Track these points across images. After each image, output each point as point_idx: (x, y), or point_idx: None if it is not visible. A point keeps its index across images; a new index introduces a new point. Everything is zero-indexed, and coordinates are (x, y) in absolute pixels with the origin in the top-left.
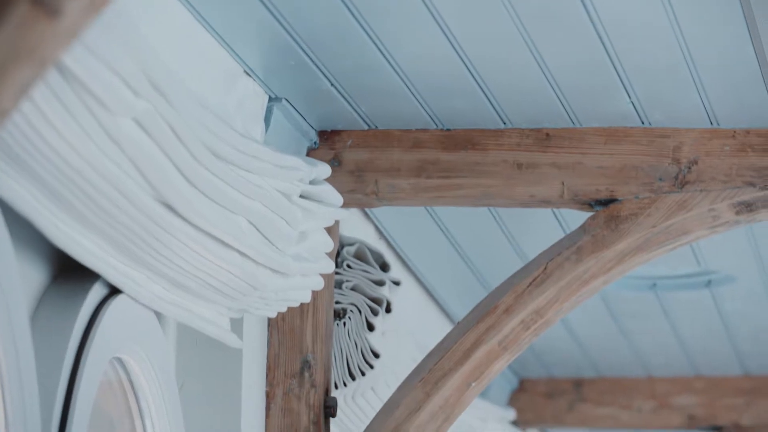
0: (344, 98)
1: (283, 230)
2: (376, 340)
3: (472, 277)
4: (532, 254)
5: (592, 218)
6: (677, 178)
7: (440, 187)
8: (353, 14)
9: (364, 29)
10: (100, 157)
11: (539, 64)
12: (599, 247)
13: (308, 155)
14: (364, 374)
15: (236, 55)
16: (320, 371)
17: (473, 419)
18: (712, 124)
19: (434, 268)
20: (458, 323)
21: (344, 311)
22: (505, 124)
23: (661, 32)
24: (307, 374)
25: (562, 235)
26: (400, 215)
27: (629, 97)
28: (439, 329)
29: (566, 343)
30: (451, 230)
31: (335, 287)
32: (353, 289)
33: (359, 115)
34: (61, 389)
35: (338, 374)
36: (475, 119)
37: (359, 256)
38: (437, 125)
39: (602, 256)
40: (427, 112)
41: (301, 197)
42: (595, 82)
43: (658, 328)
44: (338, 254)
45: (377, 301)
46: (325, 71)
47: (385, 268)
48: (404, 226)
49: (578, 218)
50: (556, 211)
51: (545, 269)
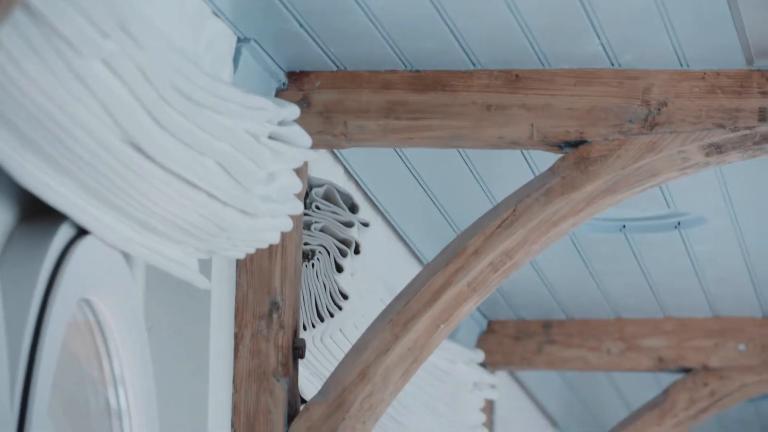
0: (313, 39)
1: (251, 171)
2: (344, 281)
3: (441, 218)
4: (501, 196)
5: (561, 160)
6: (647, 120)
7: (409, 128)
8: None
9: None
10: (68, 99)
11: (509, 5)
12: (568, 189)
13: (277, 96)
14: (332, 316)
15: None
16: (289, 313)
17: (441, 361)
18: (681, 65)
19: (403, 209)
20: (427, 265)
21: (313, 253)
22: (474, 65)
23: None
24: (275, 316)
25: (531, 177)
26: (369, 157)
27: (599, 38)
28: (407, 271)
29: (535, 285)
30: (420, 172)
31: (304, 229)
32: (322, 230)
33: (328, 56)
34: (28, 330)
35: (307, 316)
36: (444, 61)
37: (328, 197)
38: (406, 66)
39: (571, 198)
40: (396, 53)
41: (269, 138)
42: (564, 23)
43: (627, 270)
44: (307, 196)
45: (346, 242)
46: (294, 12)
47: (353, 209)
48: (373, 167)
49: (548, 160)
50: (525, 152)
51: (514, 211)
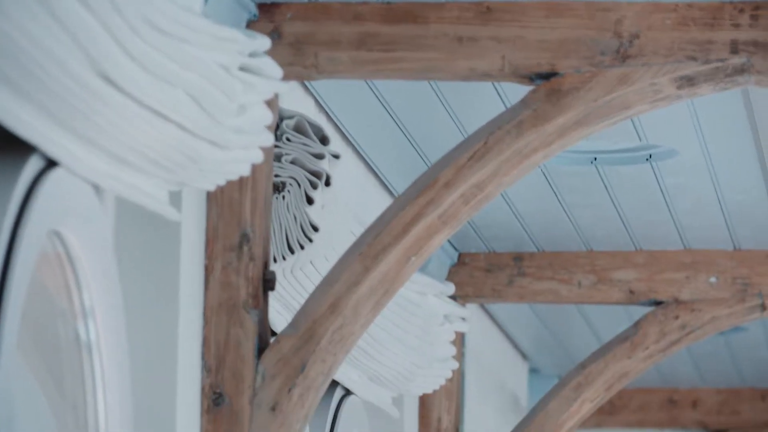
0: None
1: (222, 103)
2: (315, 213)
3: (412, 151)
4: (472, 128)
5: (532, 92)
6: (619, 52)
7: (380, 60)
8: None
9: None
10: (37, 30)
11: None
12: (540, 121)
13: (247, 28)
14: (303, 248)
15: None
16: (259, 245)
17: (412, 293)
18: None
19: (374, 141)
20: (398, 197)
21: (283, 184)
22: None
23: None
24: (245, 248)
25: (502, 109)
26: (340, 88)
27: None
28: (378, 203)
29: (506, 217)
30: (391, 104)
31: (274, 160)
32: (292, 162)
33: None
34: None
35: (277, 248)
36: None
37: (299, 129)
38: None
39: (543, 130)
40: None
41: (240, 70)
42: None
43: (598, 202)
44: (277, 127)
45: (317, 174)
46: None
47: (324, 141)
48: (344, 99)
49: (519, 92)
50: (497, 85)
51: (485, 143)
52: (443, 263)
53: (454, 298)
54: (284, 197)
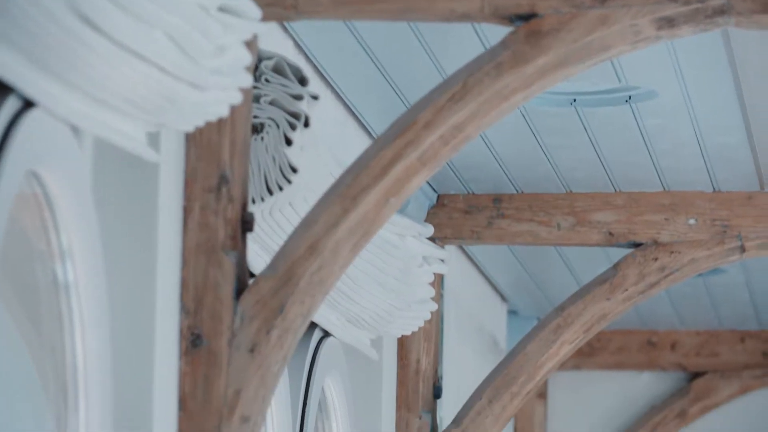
0: None
1: (200, 44)
2: (294, 155)
3: (391, 92)
4: (451, 70)
5: (512, 33)
6: None
7: (360, 1)
8: None
9: None
10: None
11: None
12: (519, 62)
13: None
14: (281, 189)
15: None
16: (237, 186)
17: (391, 235)
18: None
19: (353, 83)
20: (377, 138)
21: (262, 126)
22: None
23: None
24: (224, 189)
25: (482, 50)
26: (319, 29)
27: None
28: (357, 144)
29: (485, 158)
30: (370, 45)
31: (253, 102)
32: (271, 103)
33: None
34: None
35: (256, 189)
36: None
37: (277, 70)
38: None
39: (522, 71)
40: None
41: (219, 11)
42: None
43: (577, 144)
44: (256, 68)
45: (295, 115)
46: None
47: (303, 82)
48: (323, 40)
49: (498, 34)
50: (476, 26)
51: (465, 85)
52: (422, 205)
53: (432, 239)
54: (263, 138)
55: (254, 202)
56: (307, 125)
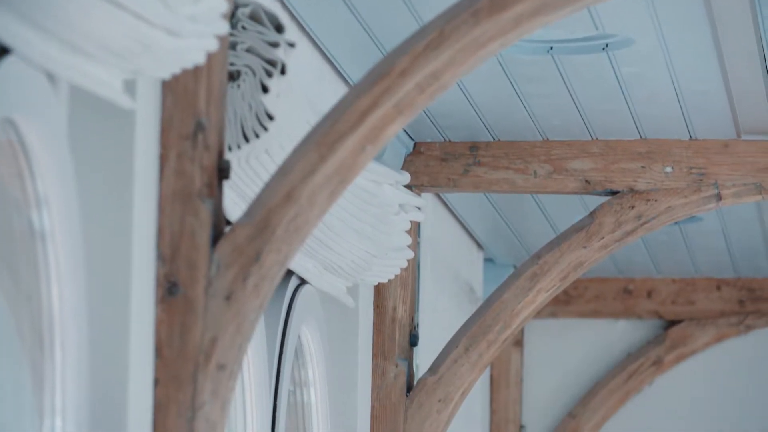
0: None
1: None
2: (270, 102)
3: (368, 39)
4: (428, 17)
5: None
6: None
7: None
8: None
9: None
10: None
11: None
12: (497, 9)
13: None
14: (258, 137)
15: None
16: (214, 133)
17: (367, 183)
18: None
19: (329, 30)
20: (353, 86)
21: (238, 73)
22: None
23: None
24: (200, 136)
25: None
26: None
27: None
28: (334, 92)
29: (462, 106)
30: None
31: (229, 49)
32: (248, 51)
33: None
34: None
35: (232, 137)
36: None
37: (254, 17)
38: None
39: (499, 18)
40: None
41: None
42: None
43: (554, 91)
44: (233, 16)
45: (272, 63)
46: None
47: (280, 29)
48: None
49: None
50: None
51: (441, 32)
52: (399, 152)
53: (409, 187)
54: (239, 86)
55: (230, 149)
56: (283, 73)
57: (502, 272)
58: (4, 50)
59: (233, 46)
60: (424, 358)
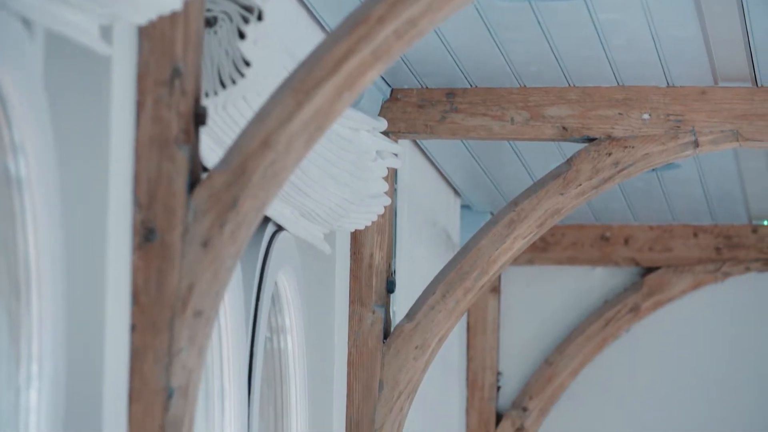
0: None
1: None
2: (247, 48)
3: None
4: None
5: None
6: None
7: None
8: None
9: None
10: None
11: None
12: None
13: None
14: (234, 83)
15: None
16: (190, 79)
17: (344, 129)
18: None
19: None
20: (331, 33)
21: (215, 19)
22: None
23: None
24: (177, 82)
25: None
26: None
27: None
28: (311, 39)
29: (439, 53)
30: None
31: None
32: None
33: None
34: None
35: (209, 83)
36: None
37: None
38: None
39: None
40: None
41: None
42: None
43: (531, 38)
44: None
45: (249, 9)
46: None
47: None
48: None
49: None
50: None
51: None
52: (376, 99)
53: (386, 134)
54: (216, 32)
55: (207, 95)
56: (260, 19)
57: (479, 219)
58: None
59: None
60: (400, 304)
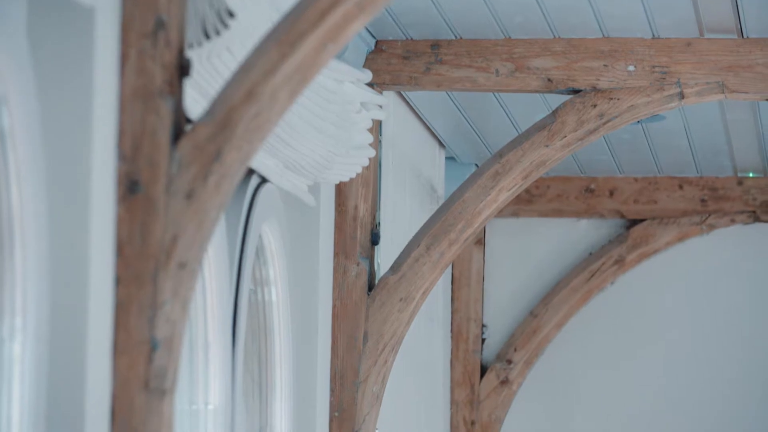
0: None
1: None
2: None
3: None
4: None
5: None
6: None
7: None
8: None
9: None
10: None
11: None
12: None
13: None
14: (219, 34)
15: None
16: (174, 30)
17: (329, 81)
18: None
19: None
20: None
21: None
22: None
23: None
24: (161, 34)
25: None
26: None
27: None
28: None
29: (423, 4)
30: None
31: None
32: None
33: None
34: None
35: (193, 34)
36: None
37: None
38: None
39: None
40: None
41: None
42: None
43: None
44: None
45: None
46: None
47: None
48: None
49: None
50: None
51: None
52: (360, 50)
53: (371, 85)
54: None
55: (192, 46)
56: None
57: (463, 171)
58: None
59: None
60: (385, 256)
